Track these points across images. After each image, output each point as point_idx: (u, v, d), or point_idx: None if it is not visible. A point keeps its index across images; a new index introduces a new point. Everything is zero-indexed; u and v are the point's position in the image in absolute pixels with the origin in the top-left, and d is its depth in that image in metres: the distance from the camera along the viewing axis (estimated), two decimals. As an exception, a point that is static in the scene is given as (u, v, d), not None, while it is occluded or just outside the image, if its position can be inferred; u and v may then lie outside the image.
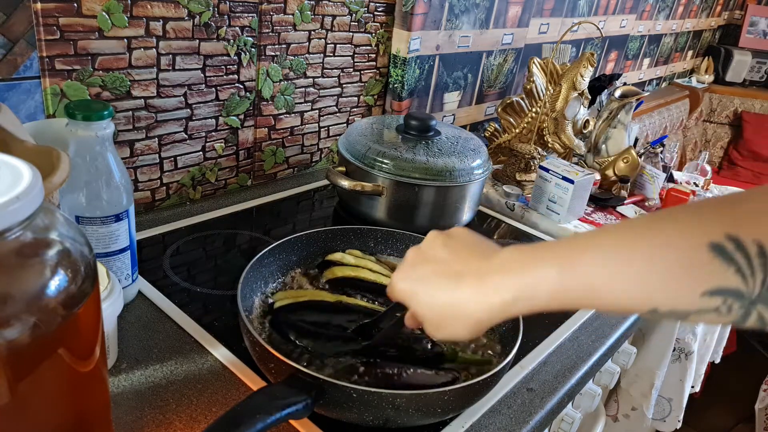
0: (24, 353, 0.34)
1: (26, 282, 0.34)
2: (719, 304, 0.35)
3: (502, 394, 0.65)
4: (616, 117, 1.31)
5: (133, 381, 0.60)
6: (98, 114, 0.60)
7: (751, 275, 0.34)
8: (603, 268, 0.39)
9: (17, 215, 0.33)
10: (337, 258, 0.76)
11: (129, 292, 0.71)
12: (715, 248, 0.34)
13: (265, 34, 0.99)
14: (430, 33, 1.22)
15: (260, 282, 0.70)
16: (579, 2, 1.68)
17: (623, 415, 1.28)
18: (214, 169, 1.02)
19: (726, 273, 0.34)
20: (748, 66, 2.92)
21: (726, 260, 0.34)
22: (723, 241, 0.34)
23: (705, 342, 1.36)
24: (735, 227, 0.34)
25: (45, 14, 0.72)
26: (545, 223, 1.11)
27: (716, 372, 1.94)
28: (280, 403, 0.48)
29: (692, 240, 0.35)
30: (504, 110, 1.28)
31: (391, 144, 0.95)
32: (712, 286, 0.35)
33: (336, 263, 0.75)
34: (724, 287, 0.34)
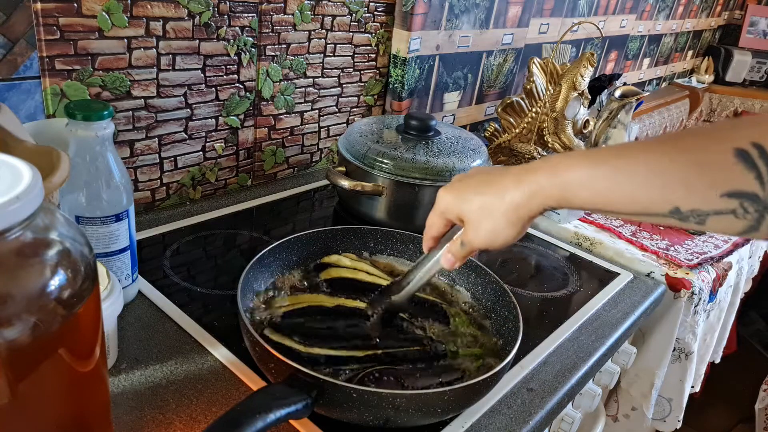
0: (24, 353, 0.34)
1: (26, 282, 0.34)
2: (736, 207, 0.37)
3: (502, 394, 0.65)
4: (616, 117, 1.31)
5: (133, 381, 0.60)
6: (98, 114, 0.60)
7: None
8: (632, 166, 0.42)
9: (17, 215, 0.33)
10: (333, 260, 0.76)
11: (129, 292, 0.71)
12: (739, 153, 0.37)
13: (265, 34, 0.99)
14: (430, 33, 1.22)
15: (260, 282, 0.70)
16: (579, 2, 1.68)
17: (623, 415, 1.28)
18: (214, 169, 1.02)
19: (747, 177, 0.37)
20: (748, 66, 2.92)
21: (749, 165, 0.37)
22: (748, 147, 0.37)
23: (705, 342, 1.35)
24: (760, 137, 0.37)
25: (45, 14, 0.72)
26: (545, 223, 1.11)
27: (716, 372, 1.94)
28: (280, 403, 0.48)
29: (719, 144, 0.38)
30: (504, 110, 1.28)
31: (391, 144, 0.95)
32: (732, 188, 0.37)
33: (332, 265, 0.75)
34: (742, 190, 0.37)
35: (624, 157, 0.42)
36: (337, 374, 0.59)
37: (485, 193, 0.50)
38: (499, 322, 0.70)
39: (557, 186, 0.46)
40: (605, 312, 0.85)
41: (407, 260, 0.80)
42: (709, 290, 1.14)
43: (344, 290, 0.72)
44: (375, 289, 0.71)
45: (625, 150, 0.43)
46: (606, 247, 1.06)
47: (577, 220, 1.13)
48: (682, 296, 1.03)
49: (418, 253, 0.80)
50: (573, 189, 0.45)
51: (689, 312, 1.08)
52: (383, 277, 0.74)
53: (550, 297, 0.87)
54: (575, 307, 0.85)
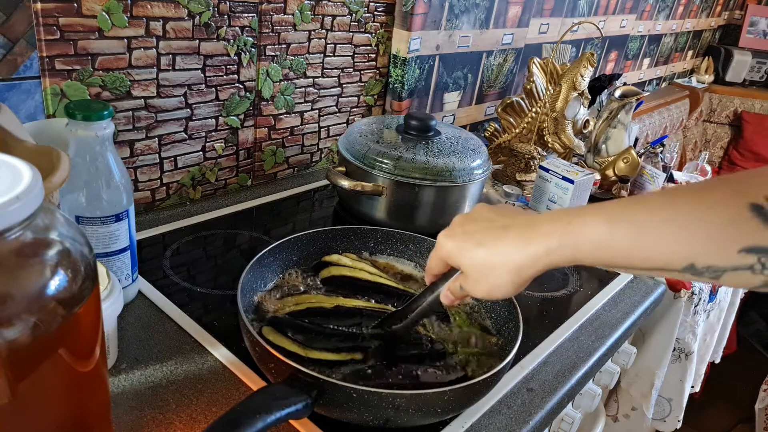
0: (24, 353, 0.34)
1: (26, 282, 0.34)
2: (754, 262, 0.37)
3: (502, 394, 0.65)
4: (616, 117, 1.31)
5: (133, 381, 0.60)
6: (98, 114, 0.60)
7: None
8: (650, 222, 0.41)
9: (17, 215, 0.33)
10: (333, 260, 0.76)
11: (129, 292, 0.71)
12: (754, 209, 0.37)
13: (265, 34, 0.99)
14: (430, 33, 1.22)
15: (260, 282, 0.70)
16: (579, 2, 1.68)
17: (623, 415, 1.28)
18: (214, 169, 1.02)
19: (763, 232, 0.37)
20: (748, 66, 2.92)
21: (764, 220, 0.37)
22: (763, 202, 0.37)
23: (705, 342, 1.36)
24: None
25: (45, 14, 0.72)
26: (545, 223, 1.11)
27: (716, 372, 1.94)
28: (280, 403, 0.48)
29: (734, 200, 0.38)
30: (504, 110, 1.28)
31: (391, 144, 0.95)
32: (749, 244, 0.37)
33: (333, 264, 0.75)
34: (760, 245, 0.37)
35: (639, 212, 0.42)
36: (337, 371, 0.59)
37: (488, 248, 0.48)
38: (499, 322, 0.70)
39: (569, 247, 0.44)
40: (605, 312, 0.85)
41: (407, 260, 0.80)
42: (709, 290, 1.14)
43: (343, 288, 0.72)
44: (374, 288, 0.72)
45: (639, 204, 0.42)
46: (606, 247, 1.05)
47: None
48: (682, 296, 1.03)
49: (417, 253, 0.80)
50: (587, 249, 0.44)
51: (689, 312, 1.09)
52: (383, 276, 0.74)
53: (550, 297, 0.87)
54: (575, 307, 0.85)
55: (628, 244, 0.42)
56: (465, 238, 0.50)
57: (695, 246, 0.39)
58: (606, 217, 0.43)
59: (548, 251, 0.45)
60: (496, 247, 0.48)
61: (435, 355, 0.63)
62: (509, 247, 0.47)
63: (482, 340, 0.67)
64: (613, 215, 0.43)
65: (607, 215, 0.43)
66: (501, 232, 0.48)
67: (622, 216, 0.42)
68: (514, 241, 0.47)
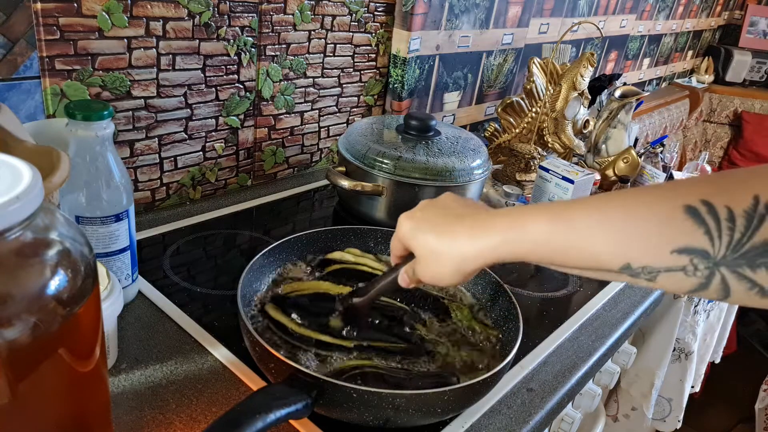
0: (24, 353, 0.34)
1: (26, 282, 0.34)
2: (686, 263, 0.37)
3: (502, 394, 0.65)
4: (616, 117, 1.31)
5: (133, 381, 0.60)
6: (98, 114, 0.60)
7: (719, 237, 0.36)
8: (586, 222, 0.42)
9: (17, 215, 0.33)
10: (336, 257, 0.76)
11: (129, 292, 0.71)
12: (688, 210, 0.37)
13: (265, 34, 0.99)
14: (430, 33, 1.22)
15: (260, 282, 0.70)
16: (579, 2, 1.68)
17: (623, 415, 1.28)
18: (214, 169, 1.02)
19: (696, 233, 0.37)
20: (748, 66, 2.92)
21: (697, 222, 0.37)
22: (697, 204, 0.37)
23: (705, 342, 1.36)
24: (710, 194, 0.37)
25: (45, 14, 0.72)
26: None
27: (716, 372, 1.94)
28: (280, 403, 0.48)
29: (669, 202, 0.38)
30: (504, 110, 1.28)
31: (391, 144, 0.96)
32: (681, 245, 0.37)
33: (336, 261, 0.75)
34: (692, 246, 0.37)
35: (578, 213, 0.42)
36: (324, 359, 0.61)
37: (438, 236, 0.50)
38: (499, 322, 0.70)
39: (512, 243, 0.46)
40: (605, 312, 0.85)
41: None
42: (709, 290, 1.13)
43: (350, 279, 0.73)
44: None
45: (579, 206, 0.43)
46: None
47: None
48: (682, 296, 1.03)
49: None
50: (528, 247, 0.45)
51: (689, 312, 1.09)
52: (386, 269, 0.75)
53: (550, 297, 0.87)
54: (575, 307, 0.85)
55: (567, 243, 0.43)
56: (421, 222, 0.52)
57: (630, 246, 0.39)
58: (547, 217, 0.44)
59: (492, 246, 0.46)
60: (446, 235, 0.49)
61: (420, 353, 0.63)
62: (457, 236, 0.48)
63: (484, 333, 0.67)
64: (554, 214, 0.44)
65: (548, 214, 0.44)
66: (453, 221, 0.50)
67: (562, 215, 0.43)
68: (462, 232, 0.48)
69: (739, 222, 0.36)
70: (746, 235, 0.35)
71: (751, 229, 0.35)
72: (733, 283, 0.37)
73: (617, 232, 0.40)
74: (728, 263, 0.36)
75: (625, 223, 0.40)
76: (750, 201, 0.35)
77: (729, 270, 0.36)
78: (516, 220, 0.46)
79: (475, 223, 0.48)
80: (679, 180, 0.41)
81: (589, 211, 0.42)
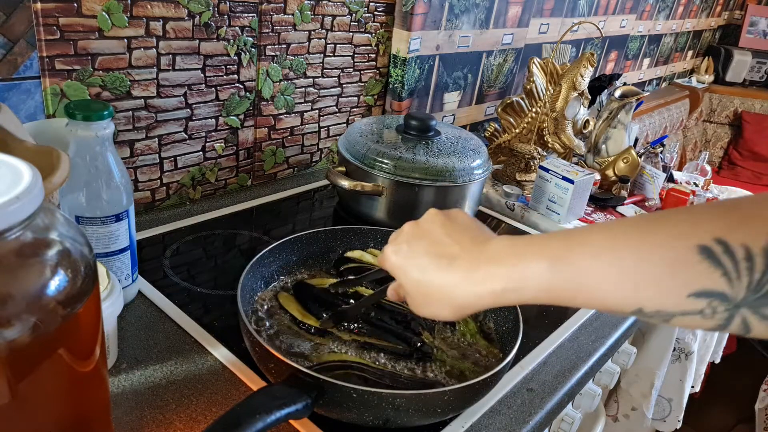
0: (24, 353, 0.34)
1: (26, 282, 0.34)
2: (704, 307, 0.35)
3: (502, 394, 0.65)
4: (616, 117, 1.31)
5: (133, 381, 0.60)
6: (98, 114, 0.60)
7: (737, 279, 0.34)
8: (593, 266, 0.39)
9: (17, 215, 0.33)
10: (356, 255, 0.77)
11: (129, 292, 0.71)
12: (703, 251, 0.35)
13: (265, 34, 0.99)
14: (430, 33, 1.22)
15: (260, 282, 0.70)
16: (579, 2, 1.68)
17: (623, 415, 1.28)
18: (214, 169, 1.02)
19: (713, 276, 0.34)
20: (748, 66, 2.92)
21: (714, 263, 0.34)
22: (711, 244, 0.35)
23: (705, 342, 1.36)
24: (724, 231, 0.35)
25: (45, 14, 0.72)
26: (545, 223, 1.11)
27: (716, 372, 1.94)
28: (280, 403, 0.48)
29: (682, 242, 0.36)
30: (504, 110, 1.28)
31: (391, 144, 0.95)
32: (698, 288, 0.35)
33: (355, 260, 0.76)
34: (710, 290, 0.35)
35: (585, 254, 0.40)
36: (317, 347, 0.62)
37: (430, 278, 0.46)
38: (499, 322, 0.70)
39: (513, 290, 0.43)
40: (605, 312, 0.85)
41: (407, 260, 0.80)
42: (709, 290, 1.13)
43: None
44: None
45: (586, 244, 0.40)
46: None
47: (577, 220, 1.13)
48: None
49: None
50: (531, 293, 0.42)
51: (689, 312, 1.08)
52: None
53: (550, 297, 0.87)
54: (575, 307, 0.85)
55: (572, 288, 0.40)
56: (409, 259, 0.48)
57: (641, 291, 0.37)
58: (548, 261, 0.41)
59: (492, 295, 0.44)
60: (438, 280, 0.46)
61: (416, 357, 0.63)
62: (453, 285, 0.45)
63: (486, 350, 0.67)
64: (556, 258, 0.41)
65: (549, 258, 0.41)
66: (446, 264, 0.46)
67: (565, 259, 0.40)
68: (458, 279, 0.45)
69: (758, 261, 0.34)
70: (767, 273, 0.33)
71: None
72: (754, 323, 0.35)
73: (626, 277, 0.37)
74: (749, 304, 0.34)
75: (635, 266, 0.37)
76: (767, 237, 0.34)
77: (750, 311, 0.34)
78: (516, 266, 0.42)
79: (471, 268, 0.45)
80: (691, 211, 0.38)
81: (594, 252, 0.39)
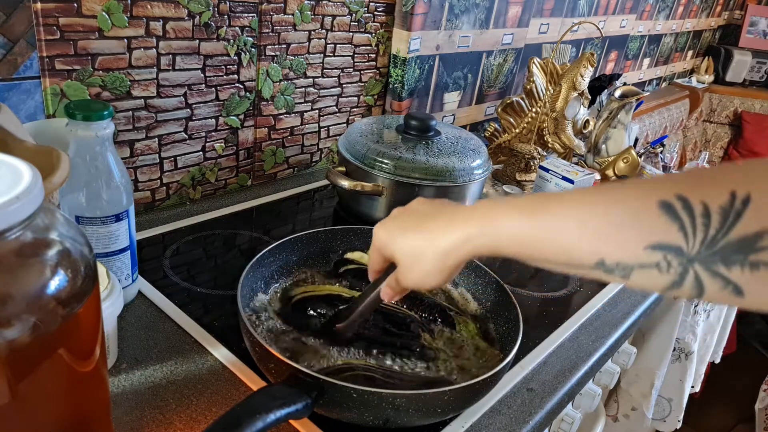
0: (24, 353, 0.34)
1: (26, 282, 0.34)
2: (660, 259, 0.37)
3: (502, 394, 0.65)
4: (616, 117, 1.31)
5: (133, 381, 0.60)
6: (98, 114, 0.60)
7: (693, 234, 0.36)
8: (563, 218, 0.42)
9: (17, 215, 0.33)
10: (356, 257, 0.76)
11: (129, 292, 0.71)
12: (663, 206, 0.36)
13: (265, 34, 0.99)
14: (430, 33, 1.22)
15: (260, 282, 0.70)
16: (579, 2, 1.68)
17: (623, 415, 1.28)
18: (214, 169, 1.02)
19: (670, 229, 0.36)
20: (748, 66, 2.92)
21: (672, 217, 0.36)
22: (672, 200, 0.36)
23: (705, 342, 1.36)
24: (685, 189, 0.36)
25: (45, 14, 0.72)
26: (545, 223, 1.11)
27: (716, 372, 1.94)
28: (280, 403, 0.48)
29: (645, 198, 0.38)
30: (504, 110, 1.28)
31: (391, 144, 0.95)
32: (655, 241, 0.37)
33: (355, 261, 0.76)
34: (666, 242, 0.36)
35: (555, 207, 0.42)
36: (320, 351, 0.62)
37: (416, 236, 0.50)
38: (499, 322, 0.70)
39: (488, 235, 0.46)
40: (605, 312, 0.85)
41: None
42: (709, 290, 1.13)
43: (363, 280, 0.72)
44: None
45: (556, 200, 0.43)
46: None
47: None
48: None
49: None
50: (504, 238, 0.45)
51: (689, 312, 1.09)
52: None
53: (550, 297, 0.87)
54: (575, 307, 0.85)
55: (542, 237, 0.43)
56: (396, 228, 0.52)
57: (604, 242, 0.39)
58: (524, 210, 0.44)
59: (469, 237, 0.47)
60: (424, 233, 0.50)
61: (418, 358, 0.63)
62: (435, 232, 0.49)
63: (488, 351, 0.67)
64: (531, 209, 0.44)
65: (525, 208, 0.44)
66: (429, 221, 0.50)
67: (539, 209, 0.43)
68: (438, 228, 0.49)
69: (714, 218, 0.35)
70: (721, 231, 0.35)
71: (726, 225, 0.35)
72: (706, 281, 0.36)
73: (592, 227, 0.40)
74: (702, 260, 0.35)
75: (600, 218, 0.40)
76: (726, 197, 0.35)
77: (703, 267, 0.36)
78: (492, 211, 0.46)
79: (451, 217, 0.49)
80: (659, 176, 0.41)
81: (565, 204, 0.42)
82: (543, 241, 0.43)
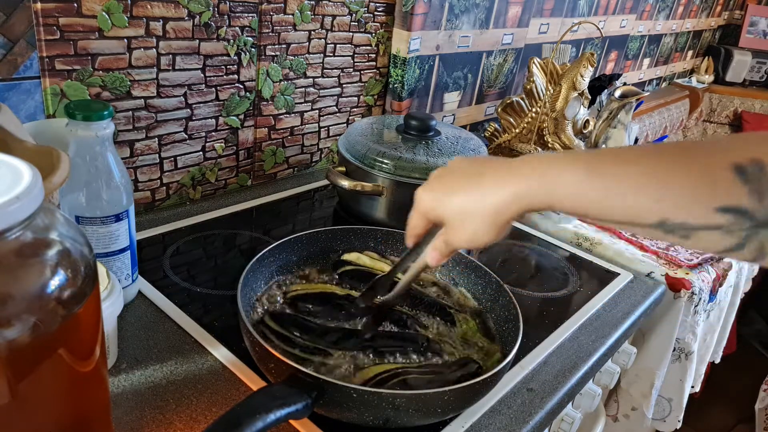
0: (24, 353, 0.34)
1: (26, 282, 0.34)
2: (726, 223, 0.36)
3: (502, 394, 0.65)
4: (616, 117, 1.31)
5: (133, 381, 0.60)
6: (98, 114, 0.60)
7: (764, 198, 0.35)
8: (625, 172, 0.40)
9: (17, 215, 0.33)
10: (353, 258, 0.76)
11: (129, 292, 0.71)
12: (737, 169, 0.36)
13: (265, 34, 0.99)
14: (430, 33, 1.22)
15: (260, 282, 0.70)
16: (579, 2, 1.68)
17: (623, 415, 1.28)
18: (214, 169, 1.02)
19: (741, 192, 0.35)
20: (748, 66, 2.92)
21: (744, 180, 0.35)
22: (747, 163, 0.36)
23: (705, 342, 1.35)
24: (761, 154, 0.36)
25: (45, 14, 0.72)
26: (545, 223, 1.11)
27: (716, 372, 1.94)
28: (280, 403, 0.48)
29: (717, 158, 0.37)
30: (504, 110, 1.28)
31: (391, 144, 0.95)
32: (726, 203, 0.36)
33: (352, 263, 0.76)
34: (736, 206, 0.36)
35: (620, 163, 0.41)
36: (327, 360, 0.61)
37: (464, 193, 0.48)
38: (499, 322, 0.70)
39: (543, 191, 0.44)
40: (605, 312, 0.85)
41: (407, 260, 0.80)
42: (709, 290, 1.14)
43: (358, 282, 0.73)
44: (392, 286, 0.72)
45: (620, 155, 0.41)
46: (606, 247, 1.06)
47: (577, 219, 1.13)
48: (682, 296, 1.03)
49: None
50: (561, 194, 0.43)
51: (689, 312, 1.08)
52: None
53: (550, 297, 0.87)
54: (575, 307, 0.85)
55: (603, 193, 0.41)
56: (442, 189, 0.50)
57: (670, 200, 0.38)
58: (583, 166, 0.42)
59: (524, 194, 0.45)
60: (473, 192, 0.48)
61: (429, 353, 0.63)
62: (485, 190, 0.47)
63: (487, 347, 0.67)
64: (591, 165, 0.42)
65: (584, 164, 0.42)
66: (477, 178, 0.48)
67: (600, 166, 0.42)
68: (490, 185, 0.47)
69: None
70: None
71: None
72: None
73: (657, 186, 0.38)
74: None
75: (667, 176, 0.38)
76: None
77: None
78: (549, 168, 0.44)
79: (501, 174, 0.46)
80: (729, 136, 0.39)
81: (629, 162, 0.40)
82: (601, 198, 0.41)
